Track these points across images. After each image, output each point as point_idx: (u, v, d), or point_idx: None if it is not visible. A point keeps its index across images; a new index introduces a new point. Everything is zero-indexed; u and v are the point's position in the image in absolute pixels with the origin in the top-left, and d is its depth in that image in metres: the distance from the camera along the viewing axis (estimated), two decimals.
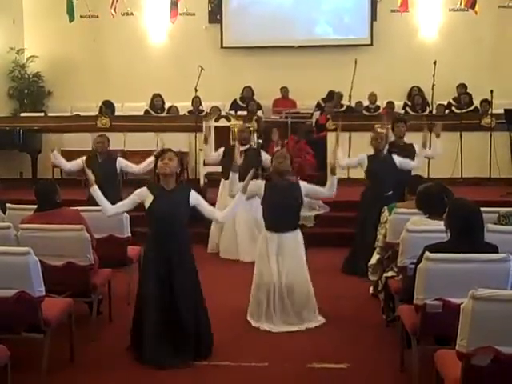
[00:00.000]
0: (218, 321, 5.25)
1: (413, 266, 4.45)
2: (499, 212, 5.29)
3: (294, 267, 5.69)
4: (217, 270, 7.52)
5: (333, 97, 13.21)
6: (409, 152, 7.66)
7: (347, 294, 6.57)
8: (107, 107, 12.09)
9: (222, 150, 8.17)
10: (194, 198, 5.01)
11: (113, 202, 5.18)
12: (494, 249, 4.19)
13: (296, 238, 5.77)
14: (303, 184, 5.82)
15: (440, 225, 4.73)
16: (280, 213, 5.65)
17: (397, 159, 7.39)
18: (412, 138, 8.04)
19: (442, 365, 3.71)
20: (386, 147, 7.57)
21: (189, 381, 4.61)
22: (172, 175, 4.96)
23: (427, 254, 4.10)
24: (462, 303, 3.42)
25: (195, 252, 5.11)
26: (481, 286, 3.36)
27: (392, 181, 7.19)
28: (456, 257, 4.07)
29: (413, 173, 7.25)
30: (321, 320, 5.74)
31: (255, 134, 10.03)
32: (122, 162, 7.94)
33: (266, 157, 8.08)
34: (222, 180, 8.53)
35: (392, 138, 7.96)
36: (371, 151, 7.50)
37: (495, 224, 5.05)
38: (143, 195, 4.97)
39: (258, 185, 5.73)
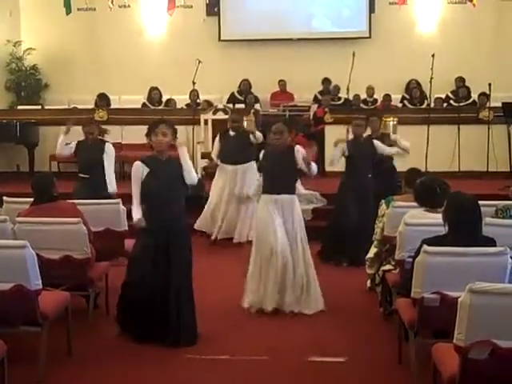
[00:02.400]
0: (216, 314, 5.25)
1: (410, 259, 4.45)
2: (497, 205, 5.28)
3: (294, 235, 5.77)
4: (214, 259, 7.55)
5: (329, 84, 13.21)
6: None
7: (344, 287, 6.57)
8: (102, 100, 12.03)
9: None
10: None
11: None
12: (491, 242, 4.19)
13: (293, 201, 5.88)
14: (298, 148, 5.90)
15: (439, 218, 4.75)
16: (277, 175, 5.80)
17: (376, 143, 7.77)
18: (407, 131, 8.05)
19: (439, 358, 3.71)
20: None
21: (188, 374, 4.61)
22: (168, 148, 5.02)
23: (425, 247, 4.10)
24: (459, 297, 3.41)
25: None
26: (478, 280, 3.36)
27: (369, 163, 7.63)
28: (454, 250, 4.07)
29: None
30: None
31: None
32: (108, 148, 7.35)
33: (258, 134, 8.32)
34: (220, 167, 8.53)
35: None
36: None
37: (493, 217, 5.04)
38: (140, 171, 5.00)
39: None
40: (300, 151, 5.80)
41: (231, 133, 8.48)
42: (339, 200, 7.86)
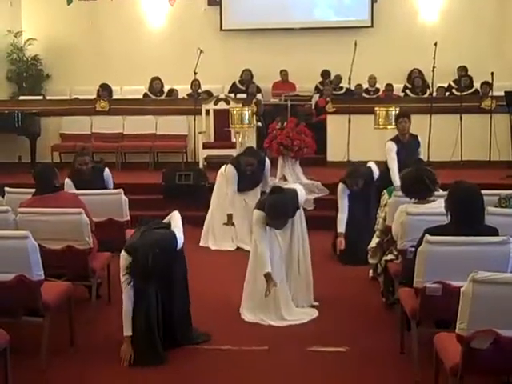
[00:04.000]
0: (216, 305, 5.25)
1: (413, 248, 4.45)
2: (500, 195, 5.28)
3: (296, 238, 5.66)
4: (212, 256, 7.54)
5: (328, 76, 13.18)
6: (411, 149, 7.68)
7: (346, 276, 6.56)
8: (104, 90, 12.05)
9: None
10: None
11: None
12: (494, 231, 4.18)
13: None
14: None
15: (429, 208, 4.75)
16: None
17: None
18: (412, 121, 7.98)
19: (441, 348, 3.71)
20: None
21: (190, 364, 4.61)
22: None
23: (427, 236, 4.09)
24: (461, 286, 3.41)
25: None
26: (481, 269, 3.35)
27: None
28: (456, 240, 4.06)
29: None
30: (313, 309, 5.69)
31: (255, 117, 10.02)
32: (107, 175, 7.05)
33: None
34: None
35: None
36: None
37: (496, 207, 5.04)
38: None
39: None
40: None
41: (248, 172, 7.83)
42: None
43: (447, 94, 12.72)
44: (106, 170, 7.10)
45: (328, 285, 6.03)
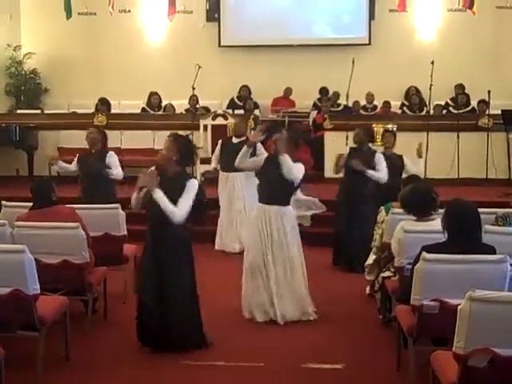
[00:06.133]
0: (212, 320, 5.22)
1: (410, 266, 4.44)
2: (496, 213, 5.28)
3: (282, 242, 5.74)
4: (212, 265, 7.52)
5: (326, 93, 13.22)
6: (393, 165, 7.67)
7: (343, 293, 6.56)
8: (103, 104, 12.06)
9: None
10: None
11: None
12: (491, 250, 4.18)
13: (283, 211, 5.77)
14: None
15: (428, 226, 4.74)
16: (270, 186, 5.76)
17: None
18: (406, 138, 8.01)
19: (438, 366, 3.70)
20: None
21: (184, 380, 4.59)
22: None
23: (424, 254, 4.09)
24: (458, 304, 3.41)
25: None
26: (477, 287, 3.35)
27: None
28: (453, 257, 4.06)
29: None
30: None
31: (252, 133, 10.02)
32: (110, 157, 7.34)
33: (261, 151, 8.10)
34: (221, 175, 8.51)
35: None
36: None
37: (493, 225, 5.04)
38: None
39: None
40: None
41: (234, 140, 8.42)
42: None
43: (444, 111, 12.77)
44: (110, 153, 7.31)
45: (324, 301, 6.01)
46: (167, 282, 4.90)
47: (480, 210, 4.25)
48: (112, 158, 7.26)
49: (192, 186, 4.91)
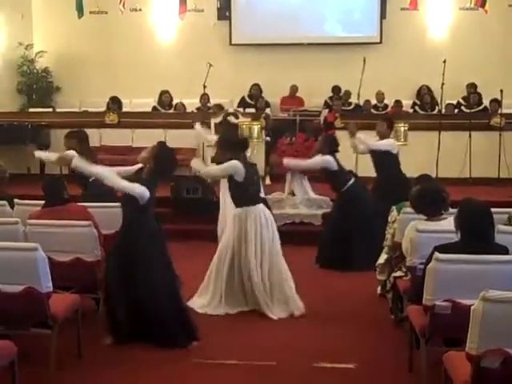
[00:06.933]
0: (219, 318, 5.23)
1: (422, 266, 4.43)
2: (509, 213, 5.26)
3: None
4: None
5: (338, 91, 13.19)
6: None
7: (354, 293, 6.54)
8: (114, 103, 12.10)
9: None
10: None
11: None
12: (504, 250, 4.16)
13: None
14: None
15: (439, 225, 4.72)
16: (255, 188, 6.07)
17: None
18: (418, 137, 7.99)
19: (451, 366, 3.68)
20: None
21: (197, 378, 4.60)
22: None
23: (437, 254, 4.07)
24: (471, 304, 3.39)
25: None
26: (491, 288, 3.33)
27: None
28: (466, 257, 4.04)
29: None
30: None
31: (263, 132, 10.03)
32: None
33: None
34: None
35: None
36: None
37: (505, 225, 5.01)
38: None
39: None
40: None
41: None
42: None
43: (456, 110, 12.72)
44: None
45: (336, 301, 6.01)
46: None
47: (492, 209, 4.23)
48: None
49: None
